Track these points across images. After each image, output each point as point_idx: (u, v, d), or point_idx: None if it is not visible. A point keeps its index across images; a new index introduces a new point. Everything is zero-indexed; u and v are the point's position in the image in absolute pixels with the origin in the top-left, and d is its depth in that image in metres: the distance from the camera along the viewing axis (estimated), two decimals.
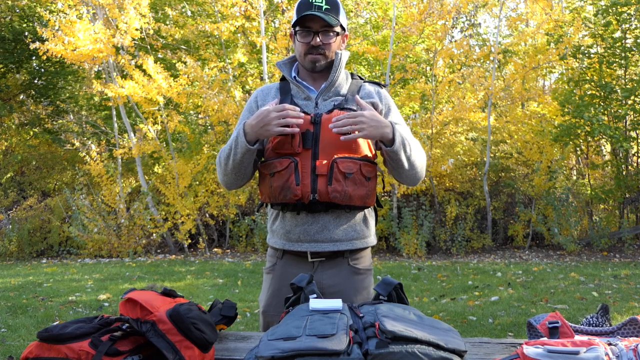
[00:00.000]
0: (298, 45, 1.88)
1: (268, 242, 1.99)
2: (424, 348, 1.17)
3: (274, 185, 1.82)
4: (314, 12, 1.81)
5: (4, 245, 10.31)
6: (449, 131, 10.60)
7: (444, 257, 8.97)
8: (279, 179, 1.80)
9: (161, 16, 11.30)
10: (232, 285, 6.59)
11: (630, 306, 4.96)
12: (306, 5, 1.83)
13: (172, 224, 9.98)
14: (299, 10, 1.84)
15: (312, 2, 1.84)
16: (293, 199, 1.80)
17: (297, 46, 1.89)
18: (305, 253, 1.87)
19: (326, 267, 1.88)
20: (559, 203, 9.04)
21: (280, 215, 1.91)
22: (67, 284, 6.77)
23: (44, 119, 13.49)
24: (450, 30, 11.58)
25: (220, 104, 9.47)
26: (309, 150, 1.80)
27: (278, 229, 1.91)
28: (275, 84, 1.98)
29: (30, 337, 4.32)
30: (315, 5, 1.83)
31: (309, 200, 1.80)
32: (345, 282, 1.88)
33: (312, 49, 1.86)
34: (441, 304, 5.37)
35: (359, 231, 1.89)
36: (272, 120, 1.73)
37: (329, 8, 1.84)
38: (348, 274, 1.89)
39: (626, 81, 8.98)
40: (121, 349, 1.46)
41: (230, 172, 1.88)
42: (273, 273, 1.95)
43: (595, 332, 1.47)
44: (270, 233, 1.98)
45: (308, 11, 1.81)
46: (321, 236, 1.85)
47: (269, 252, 2.00)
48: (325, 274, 1.87)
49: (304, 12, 1.82)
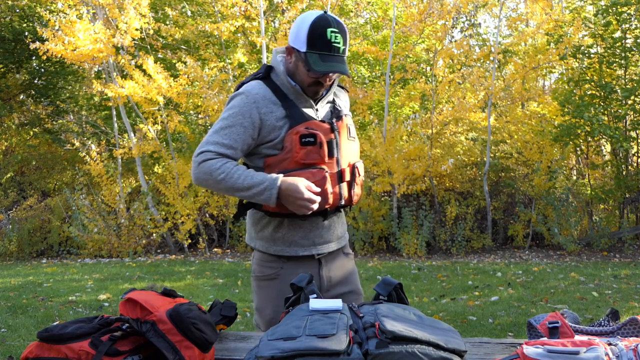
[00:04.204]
0: (304, 73, 1.82)
1: (263, 250, 1.93)
2: (424, 348, 1.17)
3: None
4: (338, 68, 1.76)
5: (4, 245, 10.31)
6: (449, 131, 10.61)
7: (444, 257, 8.97)
8: None
9: (161, 16, 11.30)
10: (232, 285, 6.59)
11: (630, 306, 4.96)
12: (327, 46, 1.76)
13: (172, 224, 9.98)
14: (318, 45, 1.76)
15: (332, 43, 1.76)
16: (323, 207, 1.83)
17: (302, 74, 1.82)
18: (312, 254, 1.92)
19: (329, 261, 1.96)
20: (559, 203, 9.04)
21: (286, 222, 1.88)
22: (67, 284, 6.77)
23: (44, 119, 13.49)
24: (450, 30, 11.58)
25: (220, 104, 9.47)
26: (334, 158, 1.85)
27: (282, 236, 1.89)
28: (265, 87, 1.86)
29: (30, 337, 4.32)
30: (335, 47, 1.77)
31: (336, 206, 1.88)
32: (346, 270, 2.03)
33: (319, 85, 1.84)
34: (441, 304, 5.37)
35: (345, 223, 2.06)
36: (304, 206, 1.75)
37: (344, 48, 1.80)
38: (345, 261, 2.03)
39: (626, 81, 8.97)
40: (121, 349, 1.46)
41: (220, 191, 1.83)
42: (278, 279, 1.91)
43: (595, 332, 1.47)
44: (265, 241, 1.92)
45: (331, 61, 1.77)
46: (329, 236, 1.94)
47: (265, 258, 1.94)
48: (332, 268, 1.96)
49: (327, 60, 1.76)
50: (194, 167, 1.78)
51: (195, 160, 1.78)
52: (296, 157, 1.79)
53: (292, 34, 1.84)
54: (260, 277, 1.97)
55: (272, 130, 1.81)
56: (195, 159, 1.78)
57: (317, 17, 1.77)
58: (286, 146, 1.80)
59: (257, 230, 1.94)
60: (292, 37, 1.83)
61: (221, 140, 1.78)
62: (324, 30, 1.76)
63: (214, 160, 1.76)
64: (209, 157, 1.76)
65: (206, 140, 1.80)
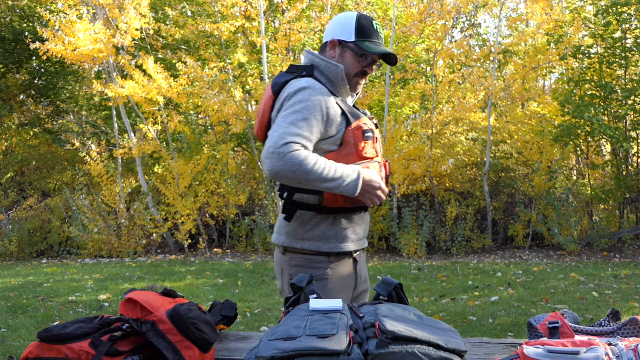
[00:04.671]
0: (352, 63, 1.91)
1: (313, 249, 1.89)
2: (424, 348, 1.17)
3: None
4: (390, 50, 1.91)
5: (4, 245, 10.31)
6: (449, 131, 10.60)
7: (444, 257, 8.97)
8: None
9: (161, 16, 11.30)
10: (232, 285, 6.59)
11: (630, 306, 4.96)
12: (375, 34, 1.92)
13: (172, 224, 9.98)
14: (368, 33, 1.90)
15: (379, 32, 1.93)
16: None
17: (350, 63, 1.91)
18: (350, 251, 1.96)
19: (359, 257, 2.02)
20: (559, 203, 9.03)
21: (339, 218, 1.89)
22: (67, 284, 6.77)
23: (44, 119, 13.49)
24: (450, 30, 11.59)
25: (220, 104, 9.47)
26: (380, 153, 1.95)
27: (335, 233, 1.89)
28: (323, 87, 1.87)
29: (30, 337, 4.32)
30: (380, 36, 1.94)
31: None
32: (366, 267, 2.11)
33: (364, 75, 1.95)
34: (441, 304, 5.37)
35: None
36: (378, 196, 1.84)
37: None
38: (364, 258, 2.10)
39: (626, 81, 8.97)
40: (121, 349, 1.46)
41: (301, 183, 1.74)
42: (328, 279, 1.88)
43: (595, 332, 1.47)
44: (315, 240, 1.89)
45: (383, 45, 1.93)
46: (366, 231, 2.02)
47: (312, 259, 1.90)
48: (361, 265, 2.03)
49: (379, 47, 1.90)
50: (277, 159, 1.68)
51: (278, 151, 1.68)
52: (360, 152, 1.84)
53: (335, 29, 1.93)
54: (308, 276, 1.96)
55: (334, 126, 1.83)
56: (279, 150, 1.68)
57: (359, 14, 1.92)
58: (349, 141, 1.83)
59: (307, 230, 1.89)
60: (338, 30, 1.92)
61: (301, 132, 1.73)
62: (370, 22, 1.92)
63: (300, 151, 1.71)
64: (295, 148, 1.70)
65: (284, 131, 1.72)
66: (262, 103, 1.95)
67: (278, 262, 1.98)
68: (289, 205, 1.87)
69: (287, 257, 1.92)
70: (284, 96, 1.83)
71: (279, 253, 1.96)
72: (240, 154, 11.74)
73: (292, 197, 1.85)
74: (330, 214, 1.87)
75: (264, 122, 1.93)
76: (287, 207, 1.87)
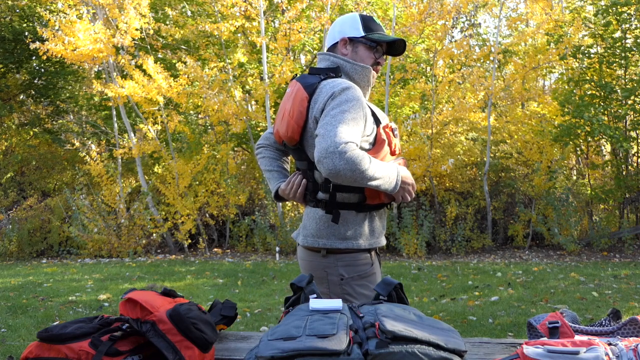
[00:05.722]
0: (365, 56, 1.97)
1: (360, 247, 1.91)
2: (424, 348, 1.17)
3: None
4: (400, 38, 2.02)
5: (4, 245, 10.31)
6: (449, 131, 10.60)
7: (444, 257, 8.97)
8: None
9: (161, 16, 11.30)
10: (232, 285, 6.59)
11: (630, 306, 4.96)
12: (380, 27, 2.01)
13: (172, 224, 9.98)
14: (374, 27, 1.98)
15: (379, 23, 2.02)
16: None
17: (363, 57, 1.98)
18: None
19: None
20: (559, 203, 9.03)
21: (374, 214, 1.98)
22: (67, 284, 6.77)
23: (44, 119, 13.49)
24: (450, 30, 11.59)
25: (220, 104, 9.47)
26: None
27: (373, 228, 1.97)
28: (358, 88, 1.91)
29: (30, 337, 4.32)
30: (382, 26, 2.04)
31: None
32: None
33: (377, 65, 2.01)
34: (441, 304, 5.37)
35: None
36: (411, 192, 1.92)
37: None
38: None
39: (626, 81, 8.97)
40: (121, 349, 1.46)
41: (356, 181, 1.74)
42: (375, 273, 1.99)
43: (595, 332, 1.47)
44: (360, 237, 1.92)
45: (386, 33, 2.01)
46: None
47: (358, 257, 1.92)
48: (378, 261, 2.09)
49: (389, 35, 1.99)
50: (338, 158, 1.68)
51: (339, 151, 1.69)
52: (393, 150, 1.92)
53: (342, 28, 1.98)
54: (357, 276, 1.93)
55: (368, 125, 1.87)
56: (339, 149, 1.69)
57: (359, 13, 2.03)
58: (383, 139, 1.89)
59: (348, 229, 1.91)
60: (345, 29, 1.97)
61: (353, 132, 1.76)
62: (372, 18, 2.01)
63: (357, 150, 1.73)
64: (353, 147, 1.72)
65: (340, 131, 1.73)
66: (294, 104, 1.89)
67: (319, 266, 1.92)
68: (333, 205, 1.88)
69: (332, 259, 1.91)
70: (327, 96, 1.81)
71: (319, 257, 1.92)
72: (240, 154, 11.74)
73: (335, 197, 1.87)
74: (366, 211, 1.94)
75: (300, 123, 1.87)
76: (331, 208, 1.89)
